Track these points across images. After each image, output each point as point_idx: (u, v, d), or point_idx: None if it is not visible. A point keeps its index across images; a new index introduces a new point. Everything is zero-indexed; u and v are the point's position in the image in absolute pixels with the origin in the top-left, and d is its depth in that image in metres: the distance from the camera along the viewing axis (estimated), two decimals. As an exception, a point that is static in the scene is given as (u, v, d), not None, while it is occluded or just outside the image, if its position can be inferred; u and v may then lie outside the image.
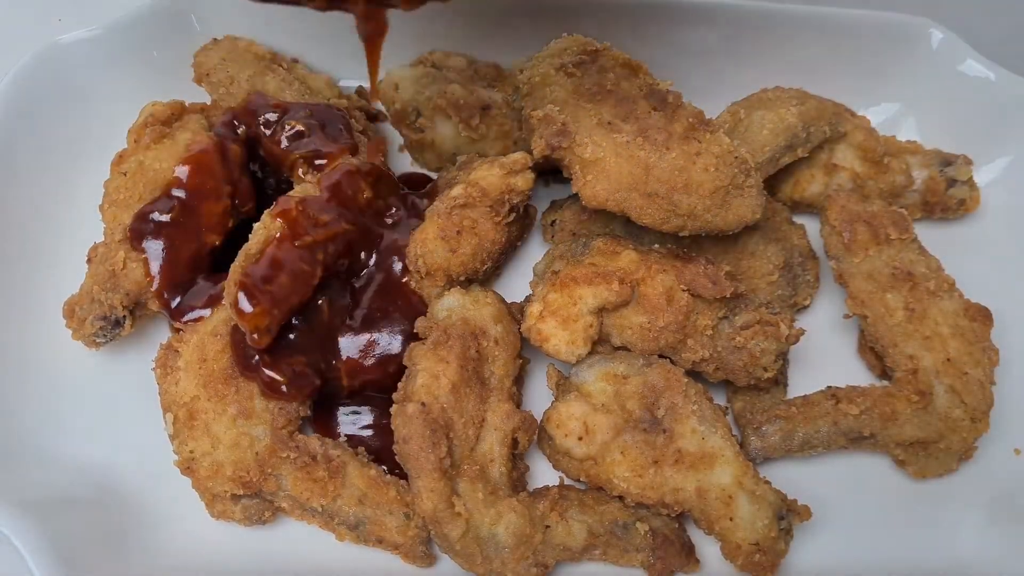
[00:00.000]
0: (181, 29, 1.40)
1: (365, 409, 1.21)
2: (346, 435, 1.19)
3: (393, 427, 1.07)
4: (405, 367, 1.11)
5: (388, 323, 1.17)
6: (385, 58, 1.40)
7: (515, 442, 1.09)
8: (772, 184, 1.37)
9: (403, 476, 1.09)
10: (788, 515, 1.08)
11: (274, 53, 1.41)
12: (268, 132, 1.25)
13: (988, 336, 1.21)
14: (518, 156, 1.19)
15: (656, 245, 1.21)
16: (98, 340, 1.18)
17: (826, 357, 1.30)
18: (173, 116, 1.26)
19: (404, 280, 1.19)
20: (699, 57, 1.46)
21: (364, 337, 1.16)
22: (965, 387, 1.16)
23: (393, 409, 1.08)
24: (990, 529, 1.17)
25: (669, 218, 1.14)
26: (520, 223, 1.25)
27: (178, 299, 1.19)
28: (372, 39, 1.04)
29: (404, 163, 1.44)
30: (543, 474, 1.17)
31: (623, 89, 1.19)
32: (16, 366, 1.21)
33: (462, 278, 1.19)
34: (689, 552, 1.11)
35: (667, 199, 1.13)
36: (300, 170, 1.23)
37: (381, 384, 1.17)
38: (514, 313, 1.18)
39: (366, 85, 1.47)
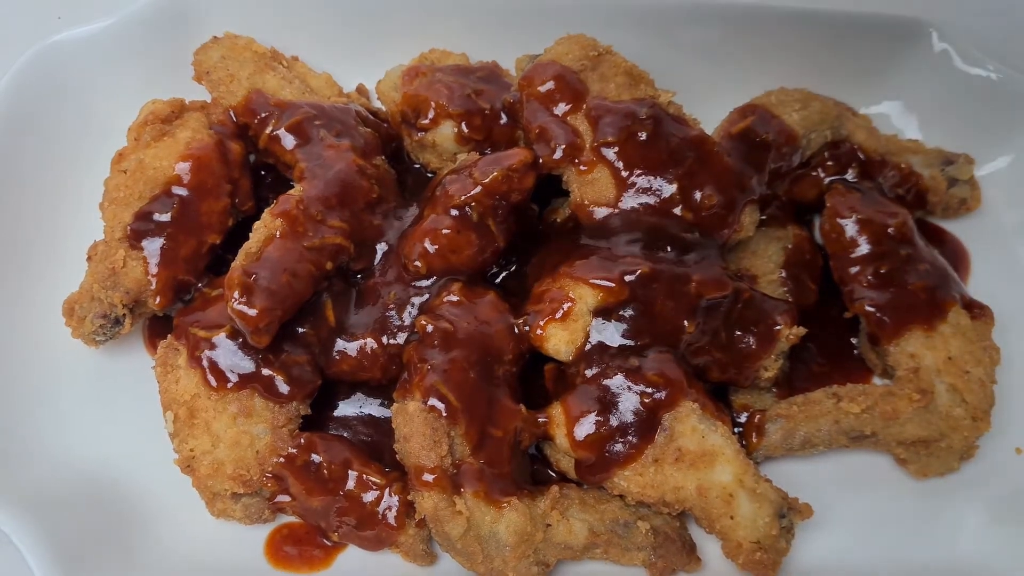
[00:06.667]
0: (181, 27, 1.39)
1: (366, 407, 1.21)
2: (346, 433, 1.19)
3: (394, 425, 1.07)
4: (406, 366, 1.10)
5: (389, 322, 1.17)
6: (385, 58, 1.41)
7: (517, 441, 1.09)
8: (771, 183, 1.37)
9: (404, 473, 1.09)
10: (789, 513, 1.07)
11: (274, 51, 1.41)
12: (268, 130, 1.25)
13: (989, 335, 1.21)
14: (519, 155, 1.19)
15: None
16: (98, 338, 1.18)
17: (826, 356, 1.30)
18: (173, 114, 1.26)
19: (406, 279, 1.19)
20: (701, 57, 1.46)
21: (365, 336, 1.16)
22: (966, 386, 1.16)
23: (394, 407, 1.08)
24: (992, 528, 1.17)
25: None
26: (521, 222, 1.25)
27: (177, 299, 1.19)
28: None
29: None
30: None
31: (624, 104, 1.20)
32: (15, 365, 1.20)
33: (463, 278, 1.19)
34: (690, 550, 1.11)
35: None
36: (300, 169, 1.22)
37: (382, 382, 1.17)
38: (514, 312, 1.18)
39: (366, 83, 1.47)
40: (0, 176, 1.27)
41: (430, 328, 1.09)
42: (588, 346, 1.12)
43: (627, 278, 1.12)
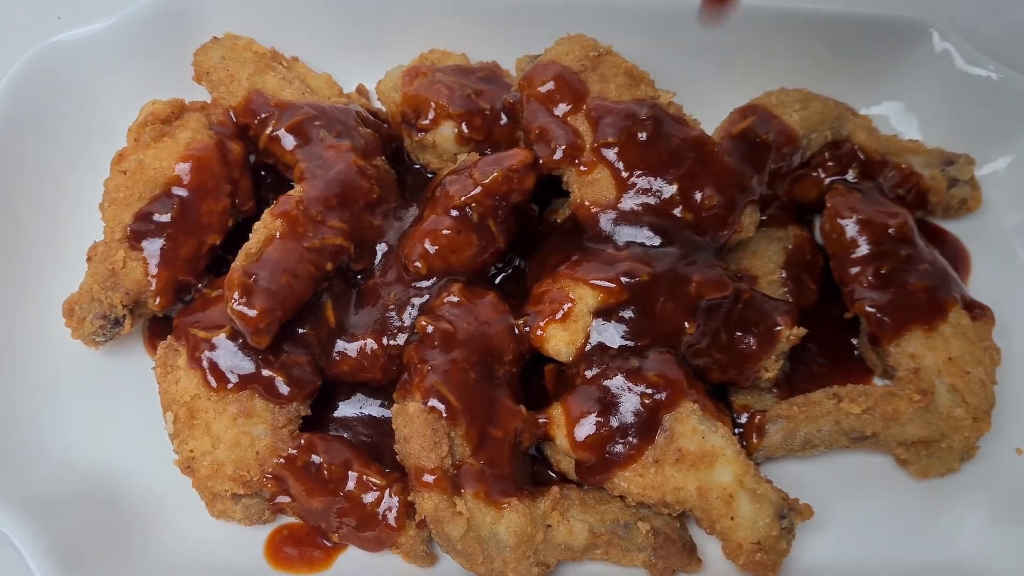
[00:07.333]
0: (181, 27, 1.39)
1: (366, 408, 1.21)
2: (347, 434, 1.19)
3: (394, 426, 1.07)
4: (406, 366, 1.10)
5: (389, 322, 1.17)
6: (385, 58, 1.41)
7: (518, 442, 1.09)
8: (771, 183, 1.37)
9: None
10: (790, 514, 1.07)
11: (274, 51, 1.41)
12: (268, 130, 1.25)
13: (990, 335, 1.21)
14: (519, 155, 1.19)
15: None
16: (97, 339, 1.18)
17: (827, 356, 1.30)
18: (173, 114, 1.26)
19: (406, 279, 1.19)
20: (701, 57, 1.46)
21: (365, 337, 1.16)
22: (967, 386, 1.16)
23: (394, 408, 1.08)
24: (992, 529, 1.17)
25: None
26: (521, 222, 1.25)
27: (177, 300, 1.18)
28: None
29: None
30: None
31: (624, 105, 1.20)
32: (15, 365, 1.20)
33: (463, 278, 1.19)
34: (691, 551, 1.11)
35: None
36: (300, 170, 1.22)
37: (382, 383, 1.17)
38: (514, 313, 1.18)
39: (366, 83, 1.47)
40: (0, 176, 1.27)
41: (430, 329, 1.09)
42: (588, 347, 1.12)
43: (627, 279, 1.12)
